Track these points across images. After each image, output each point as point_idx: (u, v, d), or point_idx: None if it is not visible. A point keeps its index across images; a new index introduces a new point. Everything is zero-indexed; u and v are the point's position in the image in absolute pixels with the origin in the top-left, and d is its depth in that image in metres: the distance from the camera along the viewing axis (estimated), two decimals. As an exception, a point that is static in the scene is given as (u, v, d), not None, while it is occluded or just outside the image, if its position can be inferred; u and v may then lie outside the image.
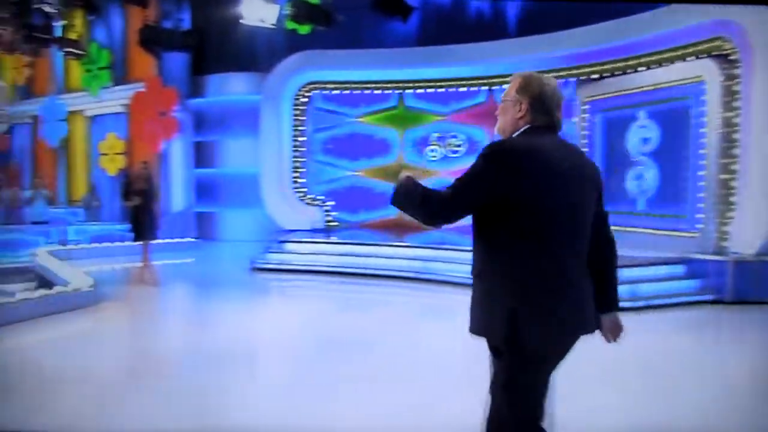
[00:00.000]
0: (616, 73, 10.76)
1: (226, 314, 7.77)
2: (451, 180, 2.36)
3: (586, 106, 11.31)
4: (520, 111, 2.42)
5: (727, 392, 4.92)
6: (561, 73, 11.24)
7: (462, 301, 2.56)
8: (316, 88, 13.89)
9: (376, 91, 13.76)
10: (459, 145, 13.08)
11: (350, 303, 8.81)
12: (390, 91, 13.70)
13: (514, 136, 2.44)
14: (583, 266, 2.38)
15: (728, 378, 5.32)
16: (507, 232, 2.29)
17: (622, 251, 2.70)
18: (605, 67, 10.91)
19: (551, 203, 2.27)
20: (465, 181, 2.33)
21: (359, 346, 6.02)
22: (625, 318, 2.57)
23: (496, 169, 2.27)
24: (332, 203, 13.90)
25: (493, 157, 2.30)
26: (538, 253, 2.26)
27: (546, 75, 2.48)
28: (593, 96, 11.17)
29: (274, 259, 11.01)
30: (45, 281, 9.15)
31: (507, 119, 2.47)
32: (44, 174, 16.71)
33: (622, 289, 2.66)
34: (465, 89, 13.11)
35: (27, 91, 19.27)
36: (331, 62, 13.48)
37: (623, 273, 7.87)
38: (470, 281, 2.47)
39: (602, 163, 10.89)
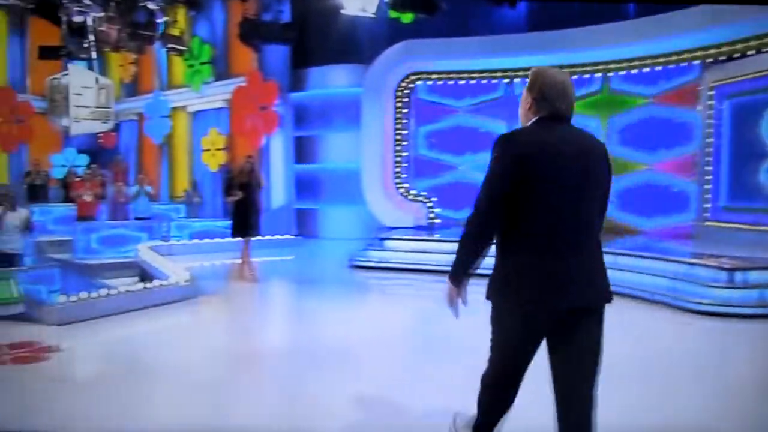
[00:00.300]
0: (748, 53, 10.15)
1: (321, 311, 7.96)
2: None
3: (712, 92, 10.75)
4: (528, 104, 2.86)
5: None
6: (683, 56, 10.75)
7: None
8: (419, 79, 13.94)
9: (482, 81, 13.65)
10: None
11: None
12: (497, 80, 13.55)
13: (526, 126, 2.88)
14: (586, 241, 2.75)
15: None
16: (514, 212, 2.71)
17: (757, 253, 2.62)
18: (735, 47, 10.32)
19: (550, 186, 2.67)
20: (486, 179, 2.77)
21: (463, 347, 5.96)
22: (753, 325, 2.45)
23: (502, 155, 2.71)
24: (435, 199, 13.90)
25: (499, 145, 2.76)
26: (536, 231, 2.70)
27: (556, 69, 2.88)
28: (721, 80, 10.60)
29: (375, 256, 11.14)
30: (146, 276, 9.68)
31: (521, 112, 2.92)
32: (148, 170, 17.62)
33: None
34: (577, 77, 12.75)
35: (133, 89, 20.45)
36: (435, 51, 13.48)
37: (750, 276, 7.47)
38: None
39: (731, 154, 10.33)
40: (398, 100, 13.95)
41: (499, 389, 2.94)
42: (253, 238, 10.03)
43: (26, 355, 5.61)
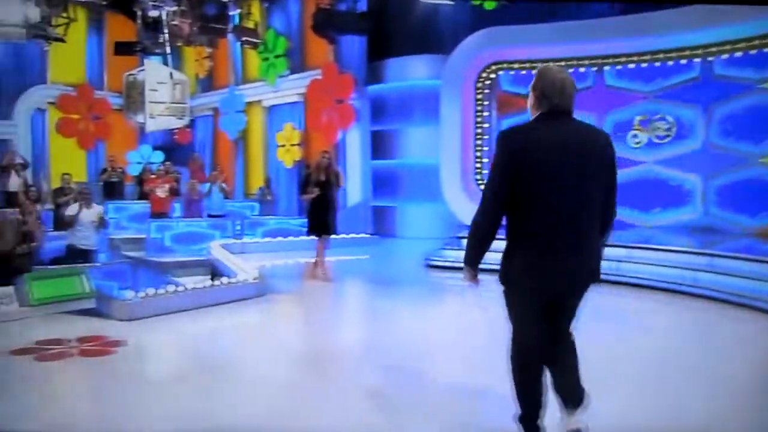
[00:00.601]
0: None
1: (390, 312, 8.06)
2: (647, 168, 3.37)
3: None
4: (532, 101, 3.32)
5: None
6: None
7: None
8: (501, 69, 13.86)
9: (569, 69, 13.44)
10: (667, 129, 12.42)
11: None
12: (585, 68, 13.32)
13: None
14: (579, 227, 3.20)
15: None
16: (515, 200, 3.19)
17: None
18: None
19: (544, 176, 3.13)
20: (489, 174, 3.29)
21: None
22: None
23: (505, 149, 3.20)
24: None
25: (500, 140, 3.26)
26: (532, 216, 3.19)
27: (557, 68, 3.34)
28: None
29: (451, 256, 11.16)
30: (218, 274, 10.04)
31: (529, 109, 3.37)
32: (223, 167, 18.12)
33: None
34: (672, 62, 12.40)
35: (208, 83, 21.16)
36: (519, 38, 13.36)
37: None
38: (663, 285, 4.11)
39: None
40: (479, 91, 13.90)
41: (526, 367, 3.46)
42: (328, 237, 10.14)
43: (94, 348, 5.95)
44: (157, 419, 4.39)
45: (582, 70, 13.33)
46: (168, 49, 15.25)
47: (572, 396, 3.49)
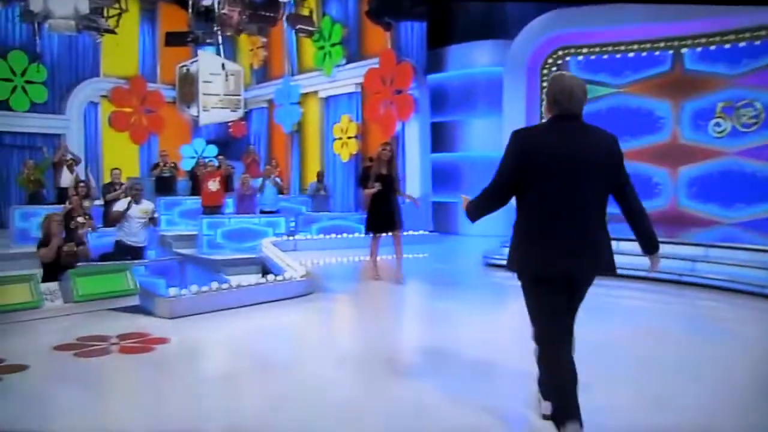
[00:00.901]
0: None
1: (446, 313, 8.08)
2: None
3: None
4: (545, 105, 3.83)
5: None
6: None
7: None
8: (568, 54, 13.73)
9: (643, 53, 13.22)
10: (754, 117, 12.10)
11: (596, 307, 8.64)
12: (660, 52, 13.07)
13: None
14: (580, 222, 3.64)
15: None
16: (522, 196, 3.72)
17: None
18: None
19: (551, 174, 3.60)
20: (499, 164, 3.79)
21: (619, 357, 5.89)
22: None
23: (512, 148, 3.74)
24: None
25: (511, 139, 3.76)
26: (537, 212, 3.67)
27: (568, 74, 3.83)
28: None
29: (512, 254, 11.12)
30: (268, 272, 10.24)
31: (543, 112, 3.93)
32: (278, 160, 18.38)
33: None
34: (761, 42, 12.04)
35: (263, 74, 21.52)
36: (588, 20, 13.22)
37: None
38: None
39: None
40: (545, 79, 13.81)
41: (549, 359, 3.80)
42: (401, 234, 10.03)
43: (134, 345, 6.18)
44: (190, 419, 4.55)
45: (657, 53, 13.11)
46: (220, 39, 15.56)
47: (569, 400, 3.66)
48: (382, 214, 9.72)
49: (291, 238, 13.94)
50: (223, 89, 20.56)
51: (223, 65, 18.20)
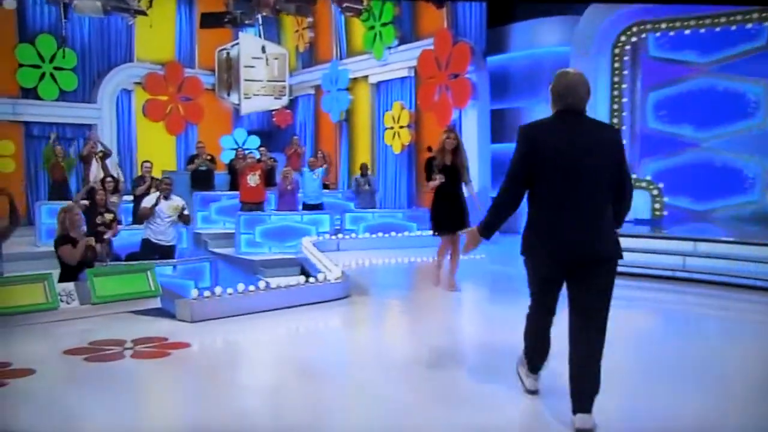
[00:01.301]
0: None
1: (495, 316, 8.03)
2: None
3: None
4: (550, 101, 4.37)
5: None
6: None
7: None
8: (645, 30, 13.39)
9: (732, 27, 12.78)
10: None
11: (669, 314, 8.47)
12: (752, 24, 12.59)
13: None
14: (584, 210, 4.20)
15: None
16: (532, 188, 4.31)
17: None
18: None
19: (556, 165, 4.17)
20: (511, 161, 4.36)
21: (687, 368, 5.75)
22: None
23: (521, 142, 4.32)
24: (661, 186, 13.33)
25: (520, 131, 4.37)
26: (545, 203, 4.27)
27: (572, 71, 4.43)
28: None
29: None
30: (306, 272, 10.28)
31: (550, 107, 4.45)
32: (326, 153, 18.27)
33: None
34: None
35: (309, 58, 21.54)
36: (667, -9, 12.90)
37: None
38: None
39: None
40: (617, 58, 13.51)
41: (535, 318, 4.66)
42: (451, 234, 9.22)
43: (149, 350, 6.24)
44: (199, 430, 4.57)
45: (749, 26, 12.61)
46: (260, 20, 15.65)
47: (581, 390, 4.22)
48: (450, 211, 9.17)
49: (334, 237, 13.94)
50: (266, 75, 20.70)
51: (263, 48, 18.29)
